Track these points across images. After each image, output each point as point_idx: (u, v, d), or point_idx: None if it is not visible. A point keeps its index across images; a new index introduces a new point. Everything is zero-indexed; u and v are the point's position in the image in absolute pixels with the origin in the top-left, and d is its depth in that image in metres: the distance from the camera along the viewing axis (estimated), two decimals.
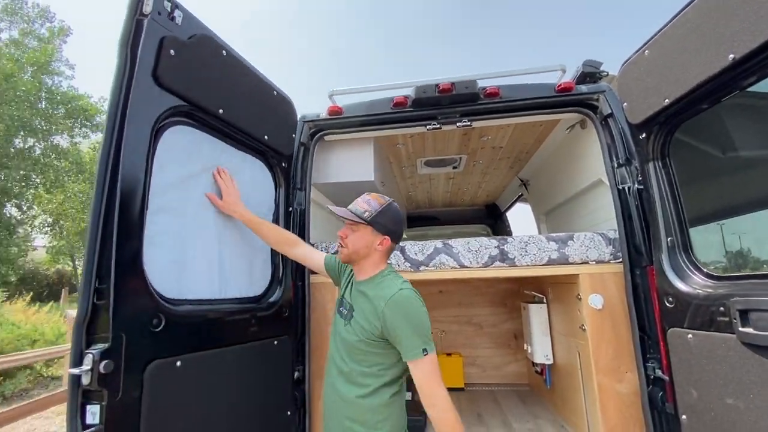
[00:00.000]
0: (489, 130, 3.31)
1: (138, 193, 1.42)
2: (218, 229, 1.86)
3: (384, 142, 3.51)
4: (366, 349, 1.48)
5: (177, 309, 1.53)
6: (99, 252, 1.29)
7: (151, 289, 1.43)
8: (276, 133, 2.22)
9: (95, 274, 1.27)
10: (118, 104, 1.40)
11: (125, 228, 1.35)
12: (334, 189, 3.28)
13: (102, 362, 1.19)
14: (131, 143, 1.41)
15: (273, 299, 2.10)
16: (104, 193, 1.33)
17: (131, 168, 1.40)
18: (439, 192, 5.39)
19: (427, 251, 2.69)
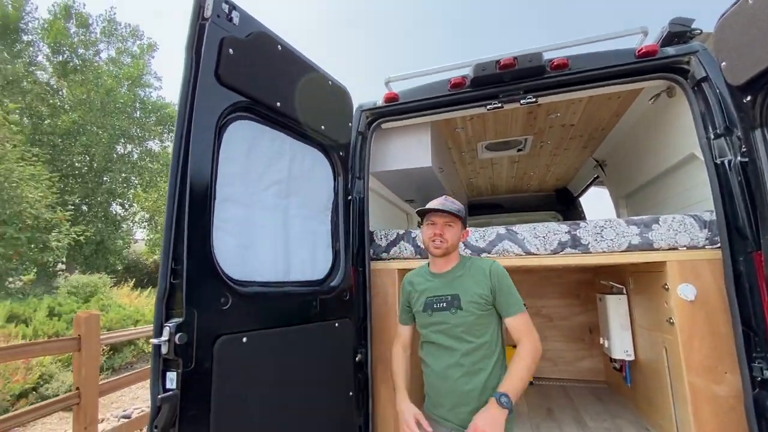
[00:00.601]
0: (557, 107, 3.06)
1: (205, 184, 1.53)
2: (283, 217, 1.95)
3: (442, 127, 3.41)
4: (483, 322, 1.69)
5: (243, 289, 1.63)
6: (174, 237, 1.41)
7: (219, 271, 1.54)
8: (332, 122, 2.26)
9: (171, 257, 1.40)
10: (185, 104, 1.51)
11: (195, 215, 1.46)
12: (392, 177, 3.27)
13: (177, 334, 1.31)
14: (198, 139, 1.52)
15: (334, 283, 2.16)
16: (177, 186, 1.45)
17: (199, 161, 1.51)
18: (503, 177, 5.14)
19: (489, 237, 2.58)
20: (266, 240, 1.83)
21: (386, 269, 2.73)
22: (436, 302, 1.79)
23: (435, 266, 1.91)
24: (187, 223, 1.42)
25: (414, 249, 2.71)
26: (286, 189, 1.99)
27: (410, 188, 3.68)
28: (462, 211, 1.83)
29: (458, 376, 1.67)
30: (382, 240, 2.81)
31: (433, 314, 1.78)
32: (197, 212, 1.47)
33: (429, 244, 1.86)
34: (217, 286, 1.50)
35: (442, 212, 1.81)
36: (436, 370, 1.74)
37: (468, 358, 1.67)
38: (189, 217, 1.43)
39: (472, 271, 1.78)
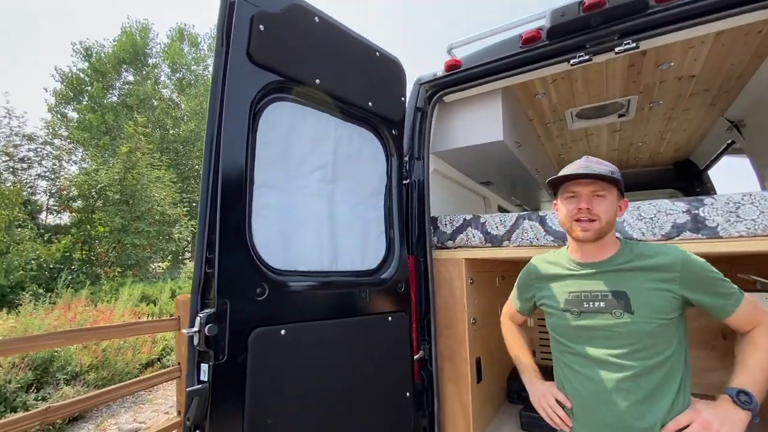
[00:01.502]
0: (670, 53, 2.41)
1: (240, 170, 1.46)
2: (329, 203, 1.83)
3: (518, 94, 2.96)
4: (665, 332, 1.25)
5: (282, 279, 1.54)
6: (208, 225, 1.37)
7: (256, 260, 1.46)
8: (382, 97, 2.05)
9: (206, 245, 1.36)
10: (217, 87, 1.45)
11: (229, 202, 1.40)
12: (460, 156, 2.95)
13: (207, 326, 1.26)
14: (232, 123, 1.45)
15: (387, 274, 1.98)
16: (210, 172, 1.40)
17: (233, 146, 1.44)
18: (602, 151, 4.39)
19: None
20: (310, 227, 1.72)
21: (452, 259, 2.46)
22: (589, 301, 1.36)
23: (582, 253, 1.41)
24: (219, 210, 1.37)
25: (483, 236, 2.39)
26: (332, 173, 1.85)
27: (484, 168, 3.30)
28: (616, 174, 1.34)
29: (627, 405, 1.22)
30: (446, 226, 2.54)
31: (581, 316, 1.34)
32: (231, 199, 1.41)
33: (572, 225, 1.35)
34: (252, 276, 1.43)
35: (585, 178, 1.32)
36: (587, 394, 1.29)
37: (642, 381, 1.22)
38: (222, 204, 1.38)
39: (647, 261, 1.30)
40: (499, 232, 2.35)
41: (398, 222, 2.11)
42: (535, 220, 2.25)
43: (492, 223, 2.39)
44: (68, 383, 4.91)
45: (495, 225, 2.37)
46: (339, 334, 1.66)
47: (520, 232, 2.29)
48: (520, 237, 2.28)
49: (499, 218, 2.37)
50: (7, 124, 10.20)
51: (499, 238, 2.34)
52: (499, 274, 3.13)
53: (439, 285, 2.46)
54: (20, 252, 8.05)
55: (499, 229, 2.35)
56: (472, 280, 2.53)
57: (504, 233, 2.33)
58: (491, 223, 2.39)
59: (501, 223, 2.36)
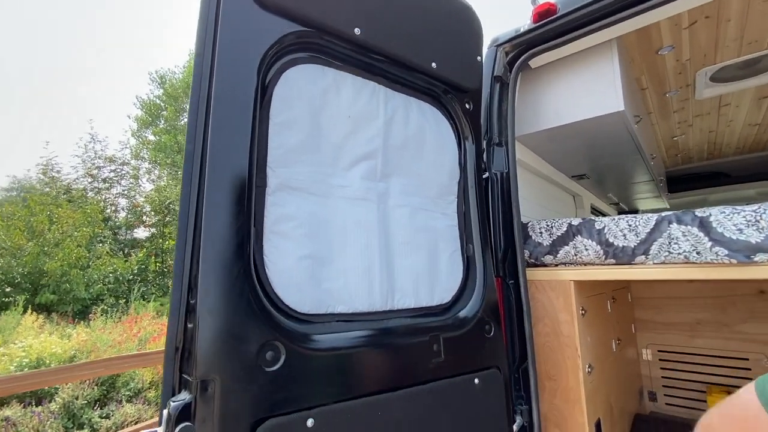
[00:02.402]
0: None
1: (240, 166, 0.94)
2: (381, 208, 1.25)
3: (631, 52, 2.17)
4: None
5: (310, 330, 0.99)
6: (191, 253, 0.85)
7: (267, 303, 0.93)
8: (451, 56, 1.44)
9: (186, 286, 0.85)
10: (204, 44, 0.95)
11: (220, 217, 0.88)
12: (546, 140, 2.22)
13: (178, 426, 0.74)
14: (227, 96, 0.94)
15: (467, 311, 1.34)
16: (192, 174, 0.89)
17: (229, 130, 0.93)
18: (735, 128, 3.34)
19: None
20: (353, 246, 1.16)
21: (554, 281, 1.76)
22: None
23: None
24: (204, 231, 0.85)
25: (602, 248, 1.66)
26: (383, 166, 1.28)
27: (582, 155, 2.52)
28: None
29: None
30: (542, 236, 1.84)
31: None
32: (225, 212, 0.89)
33: None
34: (259, 330, 0.89)
35: None
36: None
37: None
38: (208, 220, 0.86)
39: None
40: (628, 242, 1.61)
41: (480, 232, 1.48)
42: (691, 224, 1.48)
43: (615, 230, 1.65)
44: (129, 400, 4.88)
45: (621, 232, 1.63)
46: (400, 415, 1.06)
47: (665, 242, 1.53)
48: (666, 249, 1.52)
49: (627, 222, 1.63)
50: (92, 148, 11.17)
51: (629, 252, 1.60)
52: (609, 295, 2.33)
53: (537, 318, 1.77)
54: (99, 266, 8.59)
55: (629, 239, 1.61)
56: (584, 311, 1.80)
57: (638, 244, 1.59)
58: (613, 229, 1.65)
59: (631, 228, 1.61)
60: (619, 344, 2.37)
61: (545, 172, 2.63)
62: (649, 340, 2.86)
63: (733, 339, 2.58)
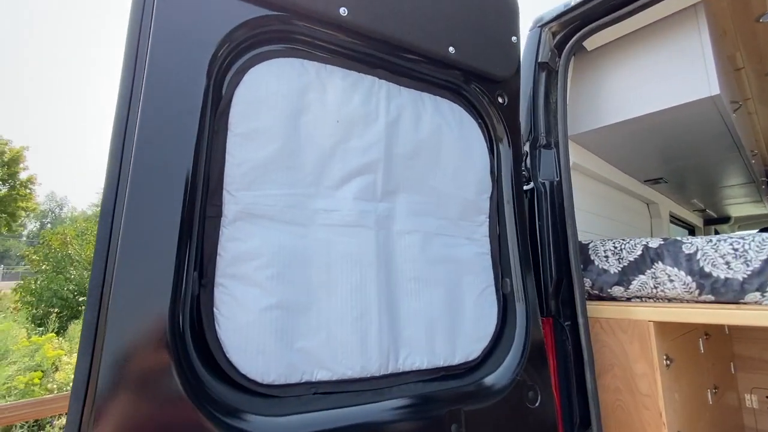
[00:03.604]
0: None
1: (181, 190, 0.71)
2: (382, 235, 0.97)
3: (722, 21, 1.69)
4: None
5: (273, 409, 0.73)
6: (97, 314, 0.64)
7: (205, 375, 0.68)
8: (474, 39, 1.12)
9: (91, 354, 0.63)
10: (140, 32, 0.74)
11: (139, 258, 0.65)
12: (619, 136, 1.78)
13: None
14: (162, 100, 0.72)
15: (502, 371, 1.00)
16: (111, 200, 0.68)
17: (163, 146, 0.71)
18: None
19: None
20: (339, 288, 0.88)
21: (626, 320, 1.36)
22: None
23: None
24: (116, 276, 0.63)
25: (692, 279, 1.24)
26: (383, 181, 0.99)
27: (659, 155, 2.04)
28: None
29: None
30: (609, 261, 1.44)
31: None
32: (149, 249, 0.67)
33: None
34: (194, 419, 0.64)
35: None
36: None
37: None
38: (121, 264, 0.64)
39: None
40: (735, 273, 1.17)
41: (521, 261, 1.13)
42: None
43: (713, 256, 1.22)
44: None
45: (722, 258, 1.20)
46: None
47: None
48: None
49: (731, 245, 1.19)
50: None
51: (735, 287, 1.17)
52: (701, 331, 1.83)
53: (603, 368, 1.37)
54: None
55: (735, 268, 1.17)
56: (670, 360, 1.36)
57: (749, 276, 1.15)
58: (711, 254, 1.22)
59: (738, 254, 1.18)
60: (716, 393, 1.85)
61: (609, 177, 2.17)
62: (753, 383, 2.26)
63: None
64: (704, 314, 1.22)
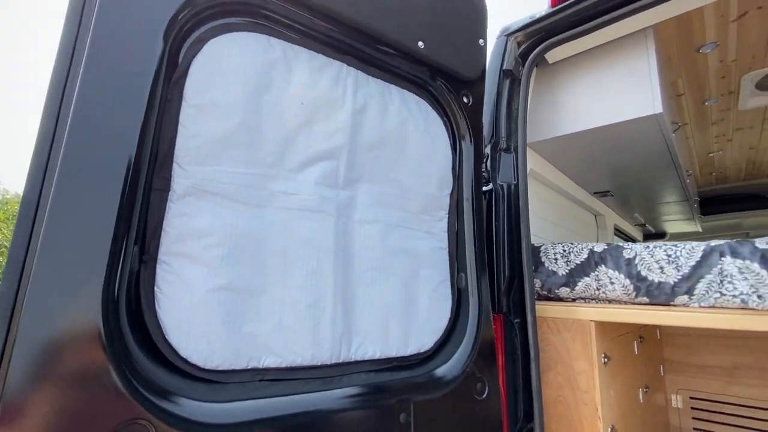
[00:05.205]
0: None
1: (125, 157, 0.66)
2: (342, 223, 0.96)
3: (668, 48, 1.85)
4: None
5: (215, 395, 0.69)
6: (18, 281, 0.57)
7: (139, 356, 0.63)
8: (443, 37, 1.15)
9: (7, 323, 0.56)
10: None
11: (70, 228, 0.60)
12: (573, 146, 1.89)
13: None
14: (115, 59, 0.67)
15: (452, 363, 1.02)
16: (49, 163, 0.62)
17: (107, 108, 0.66)
18: None
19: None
20: (294, 273, 0.86)
21: (570, 320, 1.43)
22: None
23: None
24: (42, 241, 0.57)
25: (631, 283, 1.33)
26: (346, 169, 0.98)
27: (607, 168, 2.18)
28: None
29: None
30: (558, 263, 1.51)
31: None
32: (82, 220, 0.61)
33: None
34: (118, 401, 0.59)
35: None
36: None
37: None
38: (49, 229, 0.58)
39: None
40: (667, 277, 1.27)
41: (476, 258, 1.16)
42: (750, 258, 1.14)
43: (649, 261, 1.32)
44: None
45: (657, 264, 1.30)
46: None
47: (715, 280, 1.19)
48: (716, 290, 1.18)
49: (665, 251, 1.29)
50: None
51: (667, 289, 1.26)
52: (636, 334, 1.97)
53: (547, 366, 1.43)
54: None
55: (668, 273, 1.27)
56: (608, 358, 1.45)
57: (679, 280, 1.25)
58: (647, 260, 1.32)
59: (670, 260, 1.28)
60: (646, 392, 2.00)
61: (562, 186, 2.29)
62: (679, 385, 2.46)
63: None
64: (639, 315, 1.31)
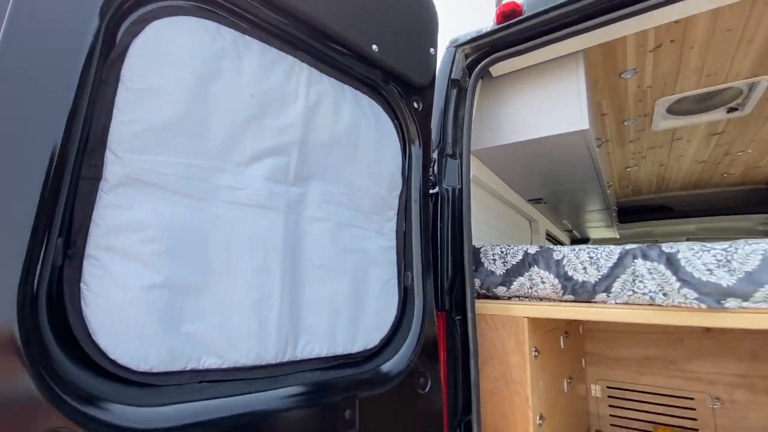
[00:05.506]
0: None
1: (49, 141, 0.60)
2: (292, 220, 0.94)
3: (595, 72, 2.05)
4: None
5: (149, 399, 0.65)
6: None
7: (61, 359, 0.58)
8: (397, 43, 1.18)
9: None
10: None
11: None
12: (506, 157, 2.03)
13: None
14: (44, 31, 0.61)
15: (397, 359, 1.05)
16: None
17: (38, 86, 0.60)
18: (683, 164, 3.39)
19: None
20: (239, 270, 0.83)
21: (506, 317, 1.53)
22: None
23: None
24: None
25: (560, 282, 1.45)
26: (298, 166, 0.97)
27: (540, 177, 2.37)
28: None
29: None
30: (496, 263, 1.61)
31: None
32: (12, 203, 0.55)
33: None
34: (36, 409, 0.54)
35: None
36: None
37: None
38: None
39: None
40: (589, 277, 1.41)
41: (422, 257, 1.20)
42: (657, 260, 1.31)
43: (575, 262, 1.45)
44: None
45: (581, 265, 1.44)
46: None
47: (629, 279, 1.34)
48: (629, 288, 1.34)
49: (588, 254, 1.44)
50: None
51: (589, 288, 1.40)
52: (562, 330, 2.15)
53: (485, 360, 1.52)
54: None
55: (590, 273, 1.41)
56: (538, 351, 1.57)
57: (599, 280, 1.39)
58: (573, 261, 1.45)
59: (592, 261, 1.42)
60: (570, 383, 2.18)
61: (501, 192, 2.45)
62: (598, 376, 2.72)
63: (678, 377, 2.48)
64: (566, 311, 1.44)
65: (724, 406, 2.27)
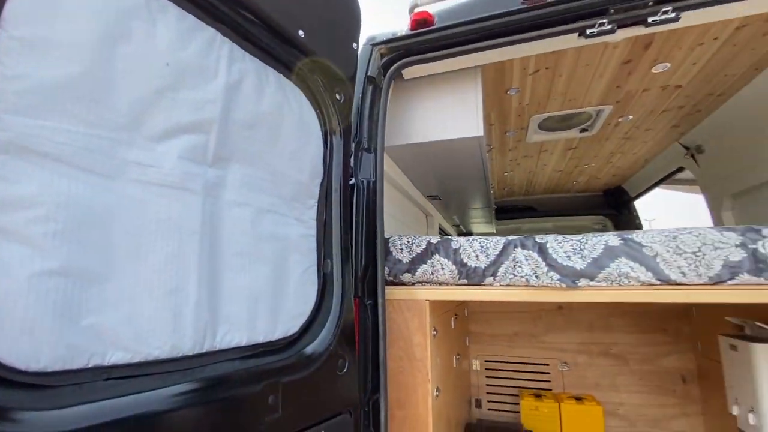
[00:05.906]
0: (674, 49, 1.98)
1: None
2: (209, 203, 0.88)
3: (488, 87, 2.34)
4: None
5: (41, 403, 0.57)
6: None
7: None
8: (323, 33, 1.19)
9: None
10: None
11: None
12: (412, 156, 2.20)
13: None
14: None
15: (317, 344, 1.07)
16: None
17: None
18: (547, 172, 4.07)
19: (591, 253, 1.51)
20: (150, 256, 0.76)
21: (410, 300, 1.66)
22: None
23: None
24: None
25: (456, 268, 1.64)
26: (217, 145, 0.92)
27: (438, 176, 2.60)
28: None
29: None
30: (403, 252, 1.74)
31: None
32: None
33: None
34: None
35: None
36: None
37: None
38: None
39: None
40: (480, 263, 1.62)
41: (341, 246, 1.24)
42: (531, 249, 1.57)
43: (469, 251, 1.65)
44: None
45: (474, 253, 1.64)
46: None
47: (510, 265, 1.59)
48: (510, 272, 1.58)
49: (480, 244, 1.65)
50: None
51: (479, 273, 1.62)
52: (453, 312, 2.41)
53: (391, 341, 1.63)
54: None
55: (480, 260, 1.63)
56: (436, 331, 1.75)
57: (487, 266, 1.61)
58: (468, 250, 1.66)
59: (482, 250, 1.63)
60: (458, 359, 2.47)
61: (405, 187, 2.62)
62: (478, 351, 3.11)
63: (538, 348, 2.99)
64: (461, 293, 1.64)
65: (570, 369, 2.82)
